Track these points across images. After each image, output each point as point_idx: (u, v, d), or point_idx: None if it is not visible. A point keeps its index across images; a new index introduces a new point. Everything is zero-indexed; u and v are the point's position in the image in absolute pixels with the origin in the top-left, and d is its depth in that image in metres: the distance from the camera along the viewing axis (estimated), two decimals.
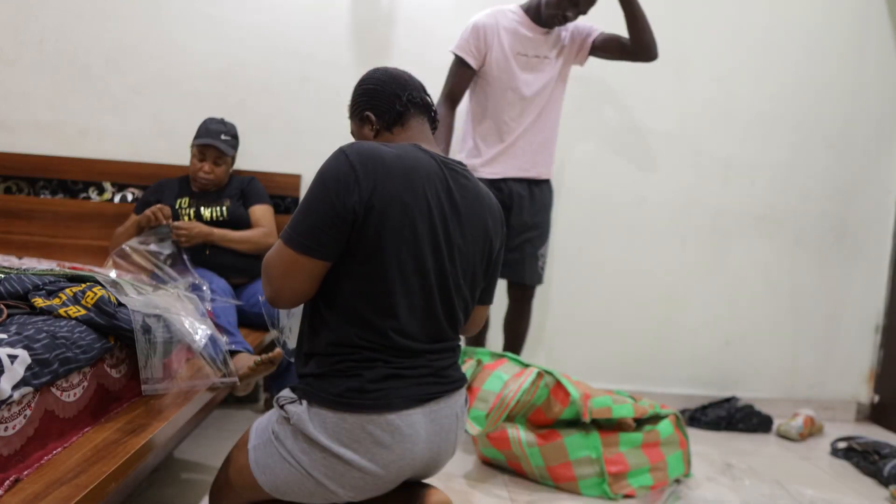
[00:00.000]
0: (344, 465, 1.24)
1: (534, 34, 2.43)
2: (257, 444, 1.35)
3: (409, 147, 1.33)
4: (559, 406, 2.05)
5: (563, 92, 2.52)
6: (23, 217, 2.74)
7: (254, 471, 1.32)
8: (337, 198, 1.22)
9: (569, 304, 2.97)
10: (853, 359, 3.11)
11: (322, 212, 1.22)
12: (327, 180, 1.23)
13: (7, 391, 1.06)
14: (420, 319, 1.30)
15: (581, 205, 2.94)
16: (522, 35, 2.42)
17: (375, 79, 1.44)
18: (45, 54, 2.75)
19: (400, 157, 1.28)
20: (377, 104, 1.41)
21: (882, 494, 2.24)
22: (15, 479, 1.05)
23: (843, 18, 2.97)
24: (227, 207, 2.46)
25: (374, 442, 1.24)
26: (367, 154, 1.25)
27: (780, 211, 3.01)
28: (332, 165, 1.25)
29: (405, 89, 1.42)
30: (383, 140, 1.40)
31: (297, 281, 1.26)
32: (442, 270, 1.30)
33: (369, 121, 1.41)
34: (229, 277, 2.36)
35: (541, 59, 2.45)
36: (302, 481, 1.27)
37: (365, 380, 1.25)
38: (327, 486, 1.26)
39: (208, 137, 2.43)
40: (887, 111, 3.02)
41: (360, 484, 1.27)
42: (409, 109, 1.41)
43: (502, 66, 2.41)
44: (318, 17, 2.80)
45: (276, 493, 1.32)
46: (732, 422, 2.77)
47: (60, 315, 1.34)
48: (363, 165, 1.23)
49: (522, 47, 2.43)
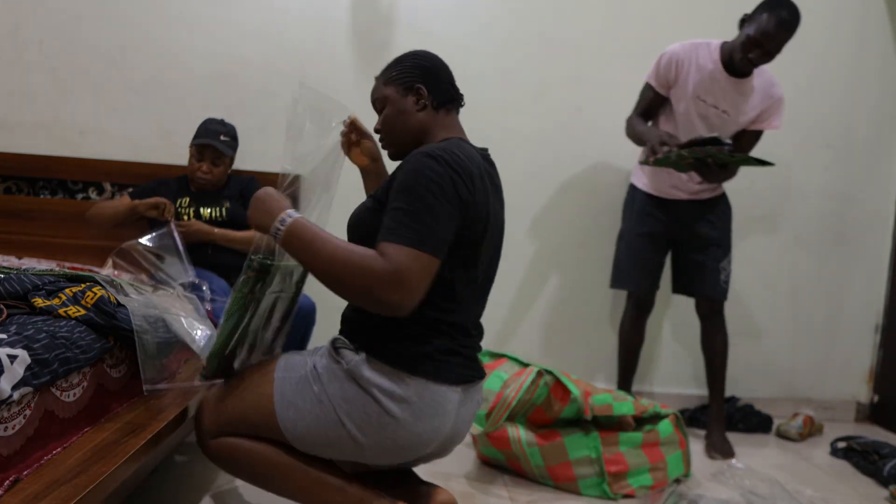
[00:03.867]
0: (385, 419, 1.27)
1: (724, 83, 2.36)
2: (286, 376, 1.35)
3: (462, 143, 1.38)
4: (559, 405, 2.05)
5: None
6: (23, 217, 2.74)
7: (276, 402, 1.32)
8: (452, 199, 1.25)
9: (569, 303, 2.97)
10: (853, 359, 3.11)
11: (443, 214, 1.24)
12: (439, 183, 1.24)
13: (7, 391, 1.06)
14: (473, 306, 1.40)
15: (580, 203, 2.94)
16: (711, 79, 2.35)
17: (430, 58, 1.48)
18: (45, 54, 2.75)
19: (469, 158, 1.33)
20: (432, 82, 1.44)
21: (882, 494, 2.23)
22: (15, 479, 1.05)
23: (843, 19, 2.96)
24: (227, 208, 2.46)
25: (420, 408, 1.29)
26: (456, 156, 1.29)
27: (780, 211, 3.01)
28: (433, 169, 1.25)
29: (453, 79, 1.49)
30: (427, 116, 1.43)
31: (428, 283, 1.25)
32: (491, 263, 1.43)
33: (419, 94, 1.43)
34: (230, 277, 2.36)
35: (718, 113, 2.39)
36: (329, 427, 1.28)
37: (433, 348, 1.30)
38: (356, 437, 1.28)
39: (207, 137, 2.43)
40: (887, 111, 3.02)
41: (388, 444, 1.29)
42: (456, 99, 1.48)
43: (681, 106, 2.40)
44: (318, 17, 2.80)
45: (289, 433, 1.32)
46: (732, 422, 2.77)
47: (60, 315, 1.35)
48: (459, 166, 1.27)
49: (705, 92, 2.37)
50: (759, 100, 2.40)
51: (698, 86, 2.37)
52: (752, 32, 2.22)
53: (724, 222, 2.57)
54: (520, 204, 2.82)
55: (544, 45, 2.87)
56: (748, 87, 2.38)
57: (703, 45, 2.39)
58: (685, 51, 2.38)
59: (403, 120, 1.44)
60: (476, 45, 2.83)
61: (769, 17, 2.19)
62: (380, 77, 1.49)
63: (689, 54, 2.37)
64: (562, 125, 2.90)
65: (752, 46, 2.23)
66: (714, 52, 2.37)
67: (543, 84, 2.88)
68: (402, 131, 1.45)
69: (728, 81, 2.36)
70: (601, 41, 2.87)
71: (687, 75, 2.37)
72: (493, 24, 2.85)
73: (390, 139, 1.48)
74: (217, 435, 1.39)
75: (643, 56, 2.82)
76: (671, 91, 2.43)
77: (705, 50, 2.38)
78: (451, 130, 1.45)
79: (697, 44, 2.39)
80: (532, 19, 2.86)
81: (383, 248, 1.21)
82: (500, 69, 2.86)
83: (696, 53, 2.37)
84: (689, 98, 2.39)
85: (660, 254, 2.60)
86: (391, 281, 1.18)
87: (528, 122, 2.88)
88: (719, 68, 2.35)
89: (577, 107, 2.89)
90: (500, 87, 2.86)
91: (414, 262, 1.20)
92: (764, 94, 2.40)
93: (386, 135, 1.48)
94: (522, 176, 2.86)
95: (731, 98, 2.38)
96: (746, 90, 2.38)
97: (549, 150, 2.91)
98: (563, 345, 2.98)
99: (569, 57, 2.88)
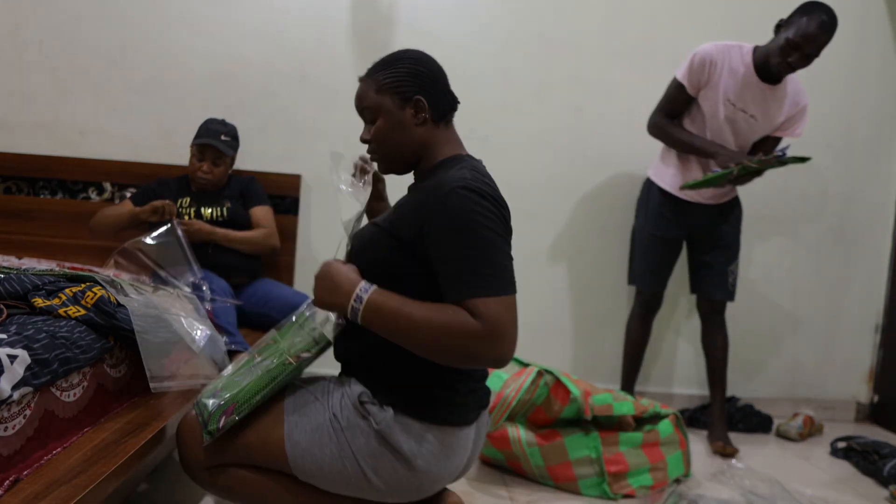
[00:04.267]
0: (410, 472, 1.25)
1: (755, 87, 2.34)
2: (298, 421, 1.27)
3: (478, 165, 1.31)
4: (559, 405, 2.05)
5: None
6: (23, 217, 2.74)
7: (289, 450, 1.25)
8: (506, 232, 1.21)
9: (568, 303, 2.97)
10: (853, 359, 3.11)
11: (506, 248, 1.20)
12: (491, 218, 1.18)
13: (7, 391, 1.06)
14: None
15: (580, 203, 2.94)
16: (743, 83, 2.33)
17: (428, 63, 1.33)
18: (45, 54, 2.75)
19: (492, 180, 1.28)
20: (432, 92, 1.31)
21: (882, 494, 2.23)
22: (15, 479, 1.05)
23: (843, 19, 2.95)
24: (228, 208, 2.46)
25: (446, 455, 1.27)
26: (490, 186, 1.23)
27: (780, 211, 3.01)
28: (481, 205, 1.17)
29: (449, 84, 1.36)
30: (427, 131, 1.31)
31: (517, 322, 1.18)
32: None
33: (419, 106, 1.29)
34: (230, 277, 2.36)
35: (746, 118, 2.37)
36: (351, 479, 1.25)
37: (457, 393, 1.28)
38: (379, 487, 1.25)
39: (208, 137, 2.44)
40: (887, 111, 3.02)
41: (411, 491, 1.28)
42: (455, 107, 1.37)
43: (709, 107, 2.38)
44: (318, 17, 2.79)
45: (302, 474, 1.27)
46: (732, 422, 2.77)
47: (60, 315, 1.35)
48: (498, 195, 1.23)
49: (735, 96, 2.34)
50: (788, 107, 2.38)
51: (729, 89, 2.34)
52: (792, 36, 2.19)
53: (735, 226, 2.58)
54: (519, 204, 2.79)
55: (544, 45, 2.87)
56: (780, 94, 2.36)
57: (736, 47, 2.35)
58: (719, 52, 2.33)
59: (400, 135, 1.30)
60: (476, 45, 2.83)
61: (809, 20, 2.17)
62: (369, 79, 1.32)
63: (723, 55, 2.33)
64: (562, 125, 2.90)
65: (792, 50, 2.20)
66: (746, 55, 2.34)
67: (543, 84, 2.88)
68: (397, 147, 1.32)
69: (759, 86, 2.34)
70: (601, 41, 2.87)
71: (719, 77, 2.34)
72: (493, 24, 2.85)
73: (384, 154, 1.34)
74: (214, 467, 1.32)
75: (643, 56, 2.83)
76: (700, 92, 2.39)
77: (737, 52, 2.34)
78: (452, 145, 1.35)
79: (730, 46, 2.35)
80: (532, 19, 2.86)
81: (471, 305, 1.12)
82: (500, 69, 2.86)
83: (729, 55, 2.33)
84: (719, 100, 2.36)
85: (672, 255, 2.62)
86: (491, 338, 1.11)
87: (528, 122, 2.88)
88: (751, 72, 2.33)
89: (577, 107, 2.89)
90: (500, 87, 2.86)
91: (507, 311, 1.13)
92: (792, 101, 2.38)
93: (379, 148, 1.34)
94: (522, 176, 2.85)
95: (760, 103, 2.36)
96: (778, 96, 2.36)
97: (549, 151, 2.91)
98: (564, 345, 2.98)
99: (569, 57, 2.88)
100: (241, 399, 1.26)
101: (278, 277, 2.69)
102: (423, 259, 1.21)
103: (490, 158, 1.49)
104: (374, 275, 1.25)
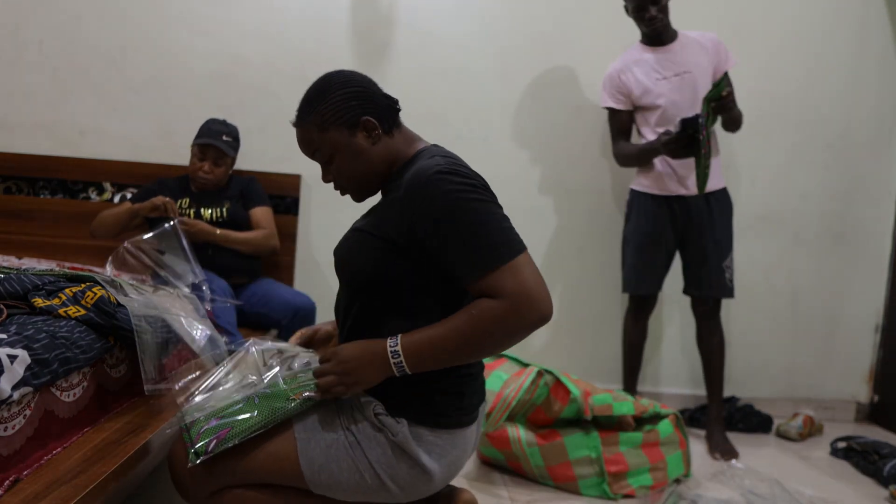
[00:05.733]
0: (424, 476, 1.26)
1: (662, 54, 2.47)
2: (312, 438, 1.25)
3: (440, 148, 1.31)
4: (559, 405, 2.05)
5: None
6: (23, 217, 2.74)
7: (304, 466, 1.23)
8: (492, 198, 1.20)
9: (568, 303, 2.96)
10: (853, 359, 3.10)
11: (498, 213, 1.18)
12: (474, 192, 1.17)
13: (7, 391, 1.07)
14: None
15: (580, 204, 2.94)
16: (653, 59, 2.47)
17: (356, 80, 1.32)
18: (45, 54, 2.75)
19: (458, 159, 1.27)
20: (373, 107, 1.28)
21: (882, 494, 2.23)
22: (15, 479, 1.05)
23: (844, 19, 2.96)
24: (228, 209, 2.46)
25: (457, 455, 1.29)
26: (462, 165, 1.23)
27: (780, 211, 3.01)
28: (462, 183, 1.17)
29: (380, 89, 1.34)
30: (384, 145, 1.29)
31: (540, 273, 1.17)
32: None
33: (368, 126, 1.27)
34: (230, 278, 2.36)
35: (683, 75, 2.45)
36: (367, 486, 1.25)
37: (465, 397, 1.29)
38: (396, 493, 1.26)
39: (209, 137, 2.44)
40: (887, 111, 3.02)
41: (424, 492, 1.29)
42: (398, 109, 1.34)
43: (652, 98, 2.46)
44: (318, 17, 2.79)
45: (318, 488, 1.26)
46: (732, 422, 2.77)
47: (60, 315, 1.35)
48: (470, 173, 1.21)
49: (659, 69, 2.46)
50: (703, 48, 2.49)
51: (649, 71, 2.47)
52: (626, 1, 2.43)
53: (726, 220, 2.56)
54: (518, 204, 2.81)
55: (544, 45, 2.87)
56: (686, 44, 2.49)
57: (625, 54, 2.54)
58: (616, 63, 2.54)
59: (362, 162, 1.28)
60: (476, 45, 2.83)
61: None
62: (306, 122, 1.29)
63: (622, 62, 2.52)
64: (562, 125, 2.90)
65: (639, 10, 2.40)
66: (635, 46, 2.54)
67: (543, 84, 2.88)
68: (363, 174, 1.30)
69: (664, 51, 2.49)
70: (601, 41, 2.87)
71: (633, 75, 2.49)
72: (493, 24, 2.85)
73: (354, 186, 1.32)
74: (216, 491, 1.27)
75: None
76: (633, 97, 2.50)
77: (630, 51, 2.54)
78: (411, 144, 1.33)
79: (622, 55, 2.55)
80: (532, 19, 2.86)
81: (488, 285, 1.11)
82: (500, 69, 2.86)
83: (625, 57, 2.53)
84: (652, 85, 2.46)
85: (665, 255, 2.60)
86: (520, 308, 1.10)
87: (527, 121, 2.88)
88: (648, 49, 2.50)
89: (576, 106, 2.89)
90: (500, 87, 2.86)
91: (523, 273, 1.11)
92: (701, 44, 2.50)
93: (347, 183, 1.32)
94: (521, 176, 2.85)
95: (680, 61, 2.47)
96: (687, 47, 2.49)
97: (549, 151, 2.91)
98: (563, 345, 2.98)
99: (568, 57, 2.88)
100: (239, 429, 1.21)
101: (278, 277, 2.69)
102: (416, 256, 1.21)
103: (490, 158, 1.50)
104: (361, 284, 1.25)
